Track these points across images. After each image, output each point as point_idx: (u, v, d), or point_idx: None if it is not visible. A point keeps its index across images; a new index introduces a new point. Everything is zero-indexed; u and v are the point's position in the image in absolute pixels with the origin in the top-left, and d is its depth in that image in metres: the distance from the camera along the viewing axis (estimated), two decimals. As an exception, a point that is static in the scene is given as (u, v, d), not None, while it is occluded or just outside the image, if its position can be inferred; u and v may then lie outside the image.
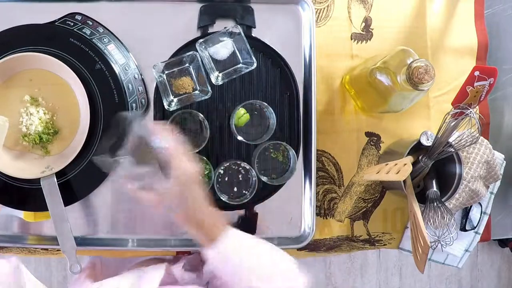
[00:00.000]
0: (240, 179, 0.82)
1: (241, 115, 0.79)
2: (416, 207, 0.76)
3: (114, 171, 0.61)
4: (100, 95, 0.75)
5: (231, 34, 0.78)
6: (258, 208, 0.83)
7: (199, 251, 0.84)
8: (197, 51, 0.78)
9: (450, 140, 0.74)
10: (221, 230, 0.62)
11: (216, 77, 0.78)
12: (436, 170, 0.82)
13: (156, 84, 0.80)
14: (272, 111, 0.80)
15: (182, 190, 0.60)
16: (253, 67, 0.78)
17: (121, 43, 0.80)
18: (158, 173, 0.60)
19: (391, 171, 0.75)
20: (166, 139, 0.61)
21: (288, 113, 0.83)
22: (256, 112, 0.82)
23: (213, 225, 0.62)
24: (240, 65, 0.79)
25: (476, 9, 0.91)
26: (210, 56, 0.79)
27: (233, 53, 0.80)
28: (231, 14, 0.82)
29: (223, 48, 0.80)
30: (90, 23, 0.79)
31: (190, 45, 0.81)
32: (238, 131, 0.81)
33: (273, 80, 0.83)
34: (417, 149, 0.79)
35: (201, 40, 0.77)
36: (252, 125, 0.82)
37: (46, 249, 0.85)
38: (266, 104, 0.80)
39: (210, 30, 0.82)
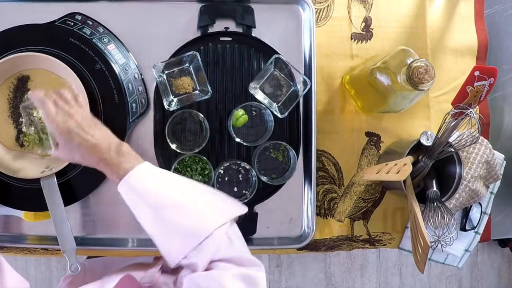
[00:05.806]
0: (240, 179, 0.82)
1: (239, 115, 0.79)
2: (416, 207, 0.76)
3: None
4: (100, 95, 0.75)
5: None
6: (258, 208, 0.83)
7: None
8: (197, 51, 0.78)
9: (450, 140, 0.74)
10: (132, 164, 0.60)
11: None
12: (436, 170, 0.82)
13: (156, 84, 0.80)
14: (270, 113, 0.80)
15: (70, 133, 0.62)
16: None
17: (121, 43, 0.80)
18: None
19: (391, 171, 0.75)
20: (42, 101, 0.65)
21: (288, 113, 0.83)
22: (255, 113, 0.82)
23: (123, 159, 0.60)
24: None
25: (476, 9, 0.91)
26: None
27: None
28: (231, 14, 0.82)
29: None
30: (90, 23, 0.79)
31: (190, 45, 0.81)
32: (237, 132, 0.81)
33: (273, 80, 0.83)
34: (417, 149, 0.79)
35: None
36: (252, 126, 0.82)
37: (46, 249, 0.84)
38: (264, 106, 0.80)
39: (210, 30, 0.82)
